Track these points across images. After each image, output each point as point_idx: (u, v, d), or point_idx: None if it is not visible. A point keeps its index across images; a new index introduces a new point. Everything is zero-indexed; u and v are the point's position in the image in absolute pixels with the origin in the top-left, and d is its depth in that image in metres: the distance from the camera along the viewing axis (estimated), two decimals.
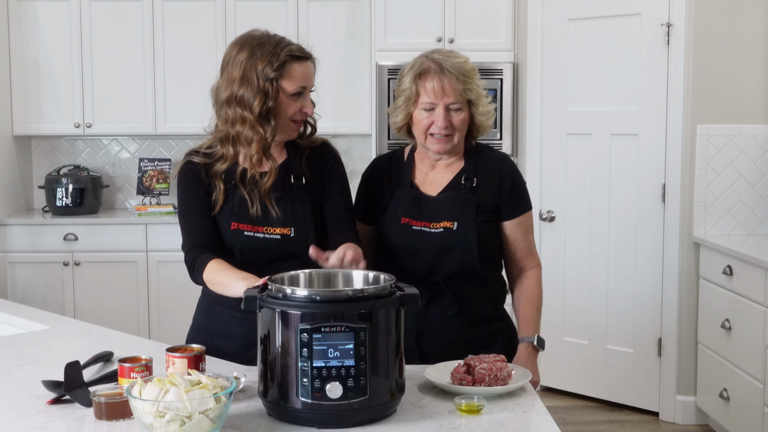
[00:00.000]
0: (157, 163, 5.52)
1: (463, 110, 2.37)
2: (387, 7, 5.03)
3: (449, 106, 2.35)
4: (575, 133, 4.73)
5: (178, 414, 1.59)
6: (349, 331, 1.70)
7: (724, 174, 4.34)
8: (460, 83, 2.34)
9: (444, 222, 2.36)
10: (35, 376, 2.08)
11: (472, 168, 2.43)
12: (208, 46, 5.20)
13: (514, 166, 2.49)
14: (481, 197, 2.39)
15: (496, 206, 2.41)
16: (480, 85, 2.40)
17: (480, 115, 2.40)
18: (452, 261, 2.35)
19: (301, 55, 2.29)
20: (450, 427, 1.76)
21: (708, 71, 4.31)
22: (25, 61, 5.29)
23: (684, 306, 4.40)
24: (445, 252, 2.35)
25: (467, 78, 2.35)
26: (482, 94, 2.40)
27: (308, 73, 2.31)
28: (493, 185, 2.41)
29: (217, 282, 2.21)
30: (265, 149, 2.27)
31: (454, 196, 2.39)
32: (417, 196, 2.42)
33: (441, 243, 2.35)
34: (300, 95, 2.28)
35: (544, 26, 4.81)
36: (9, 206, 5.29)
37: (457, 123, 2.37)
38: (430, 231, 2.37)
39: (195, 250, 2.27)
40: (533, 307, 2.46)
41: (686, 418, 4.44)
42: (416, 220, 2.39)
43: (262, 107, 2.23)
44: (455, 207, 2.37)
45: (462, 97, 2.35)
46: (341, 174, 2.42)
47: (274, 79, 2.23)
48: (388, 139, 5.06)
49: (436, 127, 2.35)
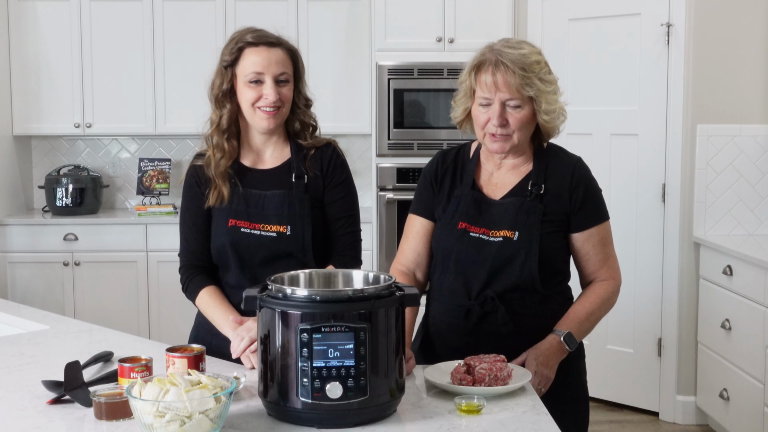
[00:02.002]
0: (157, 163, 5.52)
1: (524, 107, 2.17)
2: (387, 7, 5.03)
3: (506, 102, 2.16)
4: (575, 133, 4.70)
5: (178, 414, 1.59)
6: (349, 331, 1.70)
7: (724, 174, 4.33)
8: (518, 78, 2.13)
9: (504, 230, 2.19)
10: (35, 376, 2.07)
11: (541, 172, 2.23)
12: (208, 46, 5.20)
13: (588, 171, 2.28)
14: (548, 205, 2.20)
15: (565, 216, 2.22)
16: (548, 80, 2.19)
17: (543, 114, 2.18)
18: (510, 275, 2.18)
19: (258, 41, 2.27)
20: (450, 427, 1.76)
21: (708, 71, 4.31)
22: (25, 61, 5.29)
23: (684, 306, 4.40)
24: (503, 264, 2.18)
25: (527, 72, 2.14)
26: (546, 91, 2.17)
27: (266, 60, 2.26)
28: (563, 192, 2.22)
29: (208, 316, 2.32)
30: (221, 132, 2.31)
31: (519, 202, 2.21)
32: (478, 199, 2.25)
33: (499, 254, 2.18)
34: (257, 82, 2.27)
35: (544, 26, 4.81)
36: (9, 206, 5.29)
37: (514, 122, 2.17)
38: (489, 239, 2.20)
39: (189, 271, 2.37)
40: (583, 308, 2.23)
41: (686, 418, 4.44)
42: (475, 225, 2.22)
43: (218, 91, 2.30)
44: (519, 215, 2.19)
45: (520, 93, 2.15)
46: (345, 177, 2.41)
47: (229, 64, 2.29)
48: (388, 139, 5.06)
49: (492, 125, 2.17)
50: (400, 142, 5.06)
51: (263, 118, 2.28)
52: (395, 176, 5.07)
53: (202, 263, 2.37)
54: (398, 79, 5.03)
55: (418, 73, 5.01)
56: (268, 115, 2.28)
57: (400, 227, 5.00)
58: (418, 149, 5.05)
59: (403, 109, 5.04)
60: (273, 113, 2.28)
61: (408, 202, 4.99)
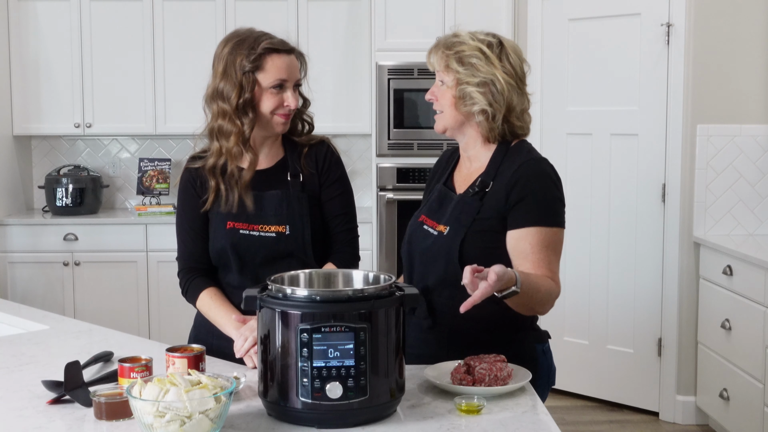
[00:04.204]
0: (157, 163, 5.52)
1: (448, 84, 2.19)
2: (387, 7, 5.03)
3: (441, 79, 2.21)
4: (575, 133, 4.73)
5: (178, 414, 1.59)
6: (349, 331, 1.70)
7: (724, 174, 4.33)
8: (441, 55, 2.19)
9: (442, 225, 2.20)
10: (35, 376, 2.08)
11: (492, 170, 2.19)
12: (208, 46, 5.14)
13: (536, 171, 2.15)
14: (486, 203, 2.16)
15: (499, 216, 2.14)
16: (470, 63, 2.15)
17: (466, 86, 2.16)
18: (437, 269, 2.18)
19: (280, 48, 2.28)
20: (450, 427, 1.76)
21: (708, 71, 4.31)
22: (25, 61, 5.29)
23: (684, 306, 4.40)
24: (434, 258, 2.19)
25: (449, 50, 2.18)
26: (463, 72, 2.15)
27: (289, 67, 2.28)
28: (502, 191, 2.14)
29: (210, 317, 2.32)
30: (243, 142, 2.29)
31: (460, 198, 2.22)
32: (443, 193, 2.27)
33: (432, 247, 2.20)
34: (279, 88, 2.28)
35: (544, 26, 4.81)
36: (9, 206, 5.29)
37: (439, 94, 2.22)
38: (430, 232, 2.22)
39: (188, 274, 2.37)
40: (535, 277, 2.05)
41: (686, 418, 4.44)
42: (431, 219, 2.25)
43: (239, 100, 2.26)
44: (455, 210, 2.20)
45: (445, 70, 2.19)
46: (340, 174, 2.42)
47: (250, 71, 2.26)
48: (388, 139, 5.06)
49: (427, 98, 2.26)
50: (400, 142, 5.06)
51: (280, 123, 2.31)
52: (395, 176, 5.07)
53: (201, 265, 2.36)
54: (398, 79, 5.03)
55: (418, 73, 5.01)
56: (286, 120, 2.31)
57: (400, 227, 5.00)
58: (418, 149, 5.05)
59: (403, 109, 5.04)
60: (289, 118, 2.32)
61: (408, 202, 5.06)
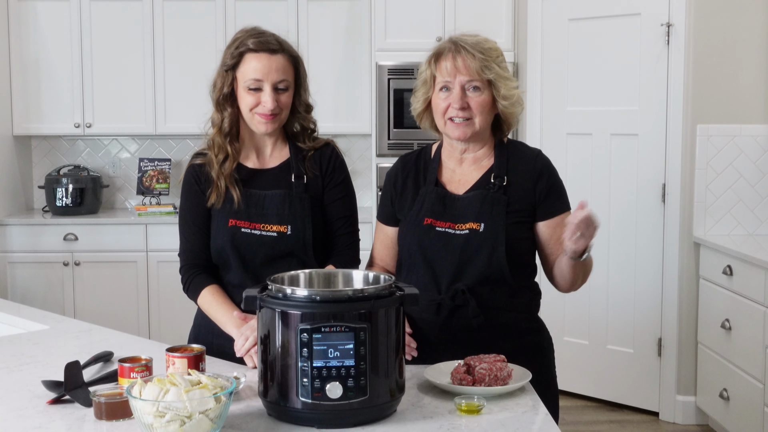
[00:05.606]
0: (157, 163, 5.52)
1: (483, 91, 2.18)
2: (387, 7, 5.03)
3: (466, 85, 2.17)
4: (575, 133, 4.73)
5: (178, 414, 1.59)
6: (349, 331, 1.70)
7: (724, 174, 4.33)
8: (477, 61, 2.15)
9: (470, 223, 2.18)
10: (35, 376, 2.08)
11: (502, 165, 2.23)
12: (208, 46, 5.20)
13: (550, 162, 2.28)
14: (512, 197, 2.20)
15: (530, 207, 2.22)
16: (504, 67, 2.20)
17: (502, 99, 2.18)
18: (478, 267, 2.17)
19: (258, 48, 2.25)
20: (450, 427, 1.76)
21: (708, 71, 4.31)
22: (25, 61, 5.29)
23: (684, 306, 4.40)
24: (470, 256, 2.17)
25: (486, 56, 2.16)
26: (504, 76, 2.19)
27: (265, 68, 2.25)
28: (527, 184, 2.21)
29: (210, 315, 2.31)
30: (224, 134, 2.31)
31: (482, 194, 2.20)
32: (442, 195, 2.25)
33: (466, 246, 2.17)
34: (256, 89, 2.26)
35: (544, 26, 4.81)
36: (9, 206, 5.29)
37: (475, 105, 2.17)
38: (455, 233, 2.19)
39: (190, 270, 2.37)
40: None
41: (686, 418, 4.44)
42: (440, 220, 2.22)
43: (219, 94, 2.30)
44: (483, 206, 2.18)
45: (480, 76, 2.16)
46: (343, 177, 2.42)
47: (230, 68, 2.29)
48: (388, 139, 5.06)
49: (453, 108, 2.18)
50: (400, 142, 5.06)
51: (261, 123, 2.29)
52: None
53: (203, 262, 2.36)
54: (398, 79, 5.03)
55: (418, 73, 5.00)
56: (266, 120, 2.28)
57: None
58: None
59: (403, 109, 5.04)
60: (270, 119, 2.28)
61: None
